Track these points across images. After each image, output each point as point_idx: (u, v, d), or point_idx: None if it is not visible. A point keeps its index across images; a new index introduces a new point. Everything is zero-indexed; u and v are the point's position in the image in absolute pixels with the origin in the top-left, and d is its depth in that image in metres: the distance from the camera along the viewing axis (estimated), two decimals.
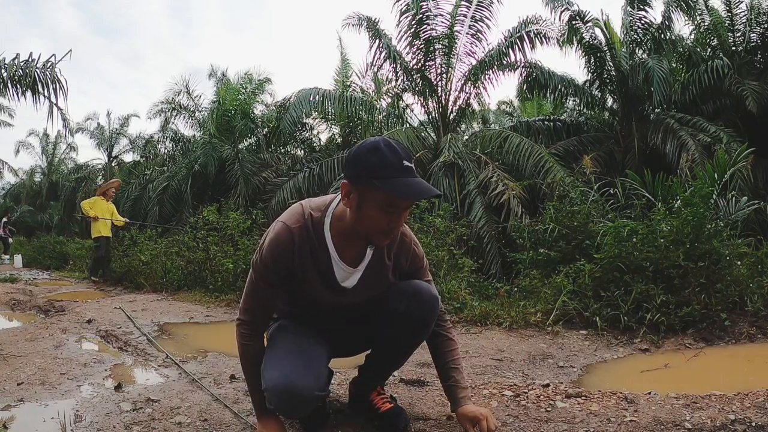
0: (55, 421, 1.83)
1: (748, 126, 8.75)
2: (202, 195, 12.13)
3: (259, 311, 1.60)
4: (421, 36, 9.28)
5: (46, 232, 22.09)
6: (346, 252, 1.55)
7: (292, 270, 1.53)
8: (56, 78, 6.73)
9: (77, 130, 21.64)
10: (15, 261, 13.70)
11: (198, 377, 2.40)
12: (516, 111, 17.81)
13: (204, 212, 6.85)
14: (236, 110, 12.66)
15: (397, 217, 1.43)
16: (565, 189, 5.55)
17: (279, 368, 1.50)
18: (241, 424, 1.78)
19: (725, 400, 1.93)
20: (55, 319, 4.32)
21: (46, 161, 26.11)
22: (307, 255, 1.52)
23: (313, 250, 1.52)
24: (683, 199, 3.93)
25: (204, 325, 4.12)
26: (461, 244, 5.73)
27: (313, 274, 1.55)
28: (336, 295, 1.60)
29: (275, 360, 1.54)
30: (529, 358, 2.76)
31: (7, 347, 3.02)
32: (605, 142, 9.83)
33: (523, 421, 1.81)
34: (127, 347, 3.19)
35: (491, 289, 4.47)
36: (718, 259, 3.45)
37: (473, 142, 10.14)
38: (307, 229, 1.51)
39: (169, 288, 6.26)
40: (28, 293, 6.21)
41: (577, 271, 3.76)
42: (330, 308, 1.66)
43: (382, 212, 1.41)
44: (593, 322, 3.29)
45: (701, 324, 3.13)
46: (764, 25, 9.55)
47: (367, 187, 1.39)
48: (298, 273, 1.54)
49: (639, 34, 9.70)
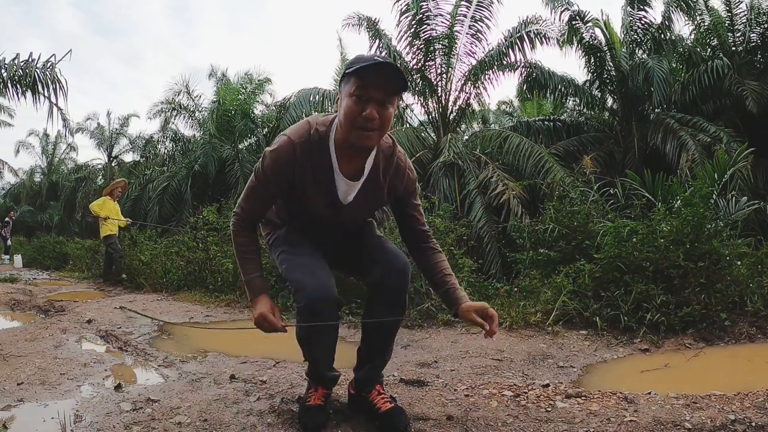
0: (55, 421, 1.83)
1: (748, 126, 8.75)
2: (202, 195, 12.13)
3: (255, 210, 1.73)
4: (421, 36, 9.28)
5: (46, 232, 22.09)
6: (346, 166, 1.62)
7: (292, 183, 1.61)
8: (56, 78, 6.74)
9: (77, 130, 21.63)
10: (15, 261, 13.71)
11: (198, 377, 2.40)
12: (516, 111, 17.81)
13: (204, 212, 6.84)
14: (236, 110, 12.66)
15: (369, 106, 1.47)
16: (565, 189, 5.55)
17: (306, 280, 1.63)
18: (241, 425, 1.78)
19: (725, 400, 1.93)
20: (55, 319, 4.32)
21: (46, 161, 26.10)
22: (308, 170, 1.59)
23: (315, 165, 1.59)
24: (683, 199, 3.93)
25: (204, 325, 4.12)
26: (461, 244, 5.73)
27: (312, 190, 1.63)
28: (334, 211, 1.68)
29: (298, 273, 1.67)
30: (529, 358, 2.76)
31: (7, 347, 3.02)
32: (605, 142, 9.83)
33: (523, 421, 1.81)
34: (127, 347, 3.19)
35: (491, 289, 4.46)
36: (718, 259, 3.45)
37: (473, 142, 10.14)
38: (310, 144, 1.57)
39: (169, 288, 6.26)
40: (28, 293, 6.21)
41: (577, 271, 3.76)
42: (328, 224, 1.75)
43: (353, 101, 1.47)
44: (593, 322, 3.29)
45: (701, 324, 3.13)
46: (764, 25, 9.55)
47: (344, 83, 1.52)
48: (298, 187, 1.62)
49: (639, 34, 9.71)
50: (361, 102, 1.47)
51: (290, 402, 2.01)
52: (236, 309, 4.75)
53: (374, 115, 1.48)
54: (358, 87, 1.46)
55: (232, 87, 13.31)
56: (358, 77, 1.46)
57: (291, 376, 2.39)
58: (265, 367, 2.60)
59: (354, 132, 1.50)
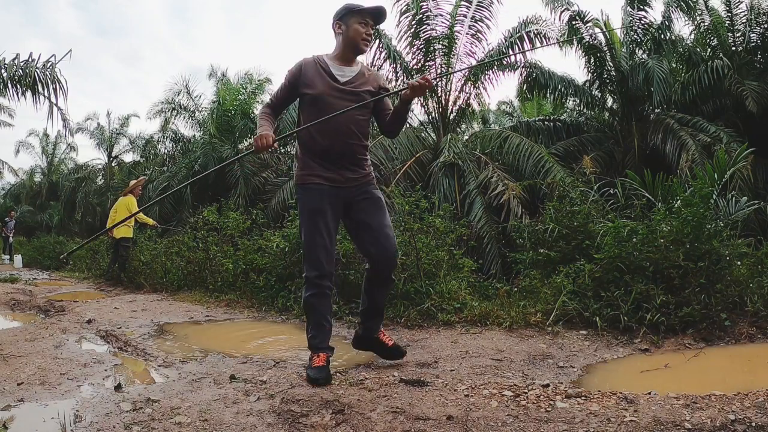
0: (55, 421, 1.83)
1: (748, 126, 8.75)
2: (202, 195, 12.12)
3: (280, 99, 2.61)
4: (421, 36, 9.29)
5: (46, 232, 22.09)
6: (338, 65, 2.51)
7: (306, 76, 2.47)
8: (56, 78, 6.74)
9: (77, 130, 21.57)
10: (15, 261, 13.72)
11: (198, 377, 2.40)
12: (516, 111, 17.82)
13: (204, 212, 6.84)
14: (236, 110, 12.66)
15: (369, 27, 2.52)
16: (565, 189, 5.54)
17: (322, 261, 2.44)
18: (241, 425, 1.78)
19: (725, 400, 1.93)
20: (55, 319, 4.32)
21: (46, 161, 26.09)
22: (314, 67, 2.49)
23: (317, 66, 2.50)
24: (683, 199, 3.93)
25: (204, 325, 4.12)
26: (461, 244, 5.73)
27: (318, 77, 2.47)
28: (338, 91, 2.45)
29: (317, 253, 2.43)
30: (529, 358, 2.76)
31: (7, 347, 3.02)
32: (605, 142, 9.84)
33: (523, 421, 1.81)
34: (127, 347, 3.19)
35: (491, 290, 4.46)
36: (718, 259, 3.45)
37: (473, 142, 10.16)
38: (311, 60, 2.53)
39: (169, 288, 6.26)
40: (28, 293, 6.21)
41: (577, 271, 3.75)
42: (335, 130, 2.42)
43: (361, 26, 2.48)
44: (593, 322, 3.28)
45: (701, 324, 3.13)
46: (764, 25, 9.55)
47: (348, 15, 2.49)
48: (308, 78, 2.46)
49: (639, 34, 9.72)
50: (365, 26, 2.49)
51: (290, 402, 2.01)
52: (236, 309, 4.75)
53: (371, 33, 2.54)
54: (362, 18, 2.48)
55: (232, 87, 13.31)
56: (360, 14, 2.48)
57: (291, 376, 2.39)
58: (265, 367, 2.60)
59: (361, 43, 2.50)
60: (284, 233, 5.12)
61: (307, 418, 1.85)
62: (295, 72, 2.50)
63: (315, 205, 2.46)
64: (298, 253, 4.72)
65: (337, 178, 2.48)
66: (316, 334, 2.43)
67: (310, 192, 2.48)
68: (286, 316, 4.30)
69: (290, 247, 4.84)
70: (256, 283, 5.05)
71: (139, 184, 7.97)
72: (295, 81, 2.50)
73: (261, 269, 5.21)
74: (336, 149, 2.46)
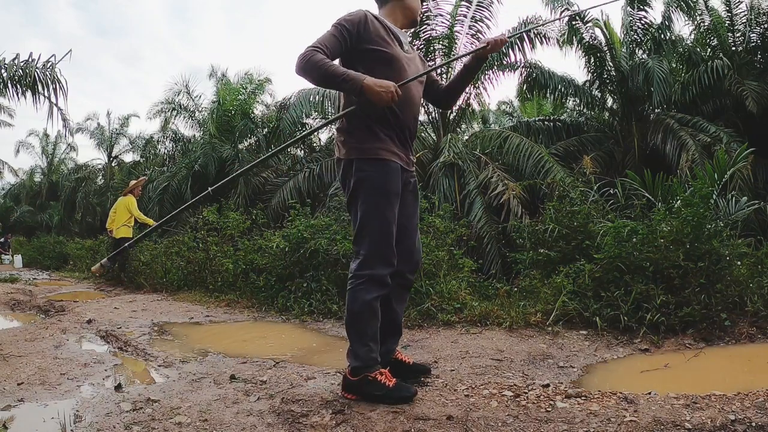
0: (55, 421, 1.83)
1: (748, 126, 8.74)
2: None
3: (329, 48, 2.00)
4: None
5: (46, 232, 22.09)
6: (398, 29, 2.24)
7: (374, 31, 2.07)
8: (56, 78, 6.74)
9: (77, 130, 21.58)
10: (15, 261, 13.73)
11: (198, 377, 2.40)
12: (516, 111, 17.80)
13: (204, 212, 6.84)
14: (236, 110, 12.65)
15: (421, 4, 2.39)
16: (565, 189, 5.54)
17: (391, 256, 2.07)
18: (241, 425, 1.78)
19: (725, 400, 1.93)
20: (55, 319, 4.32)
21: (46, 161, 26.08)
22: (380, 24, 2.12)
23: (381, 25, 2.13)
24: (683, 199, 3.92)
25: (204, 325, 4.12)
26: (461, 244, 5.73)
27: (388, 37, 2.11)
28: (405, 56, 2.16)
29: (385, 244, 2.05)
30: (529, 359, 2.76)
31: (7, 347, 3.02)
32: (605, 142, 9.83)
33: (523, 421, 1.81)
34: (127, 347, 3.19)
35: (491, 290, 4.46)
36: (718, 259, 3.45)
37: (473, 142, 10.15)
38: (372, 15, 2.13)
39: (169, 288, 6.26)
40: (28, 293, 6.22)
41: (577, 271, 3.75)
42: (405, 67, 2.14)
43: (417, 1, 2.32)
44: (593, 322, 3.29)
45: (701, 324, 3.13)
46: (764, 25, 9.54)
47: None
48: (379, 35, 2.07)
49: (639, 34, 9.71)
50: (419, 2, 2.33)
51: (290, 402, 2.01)
52: (236, 309, 4.75)
53: None
54: None
55: (232, 87, 13.30)
56: None
57: (291, 376, 2.39)
58: (265, 367, 2.60)
59: (417, 15, 2.35)
60: (284, 233, 5.12)
61: (307, 418, 1.85)
62: (358, 23, 2.04)
63: (394, 188, 2.04)
64: (298, 253, 4.72)
65: (404, 158, 2.14)
66: (375, 347, 2.04)
67: (389, 170, 2.03)
68: (286, 316, 4.30)
69: (290, 247, 4.84)
70: (256, 283, 5.05)
71: (139, 184, 7.98)
72: (357, 34, 2.03)
73: (261, 269, 5.21)
74: (408, 123, 2.14)
